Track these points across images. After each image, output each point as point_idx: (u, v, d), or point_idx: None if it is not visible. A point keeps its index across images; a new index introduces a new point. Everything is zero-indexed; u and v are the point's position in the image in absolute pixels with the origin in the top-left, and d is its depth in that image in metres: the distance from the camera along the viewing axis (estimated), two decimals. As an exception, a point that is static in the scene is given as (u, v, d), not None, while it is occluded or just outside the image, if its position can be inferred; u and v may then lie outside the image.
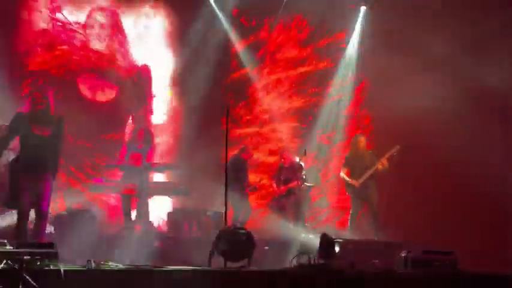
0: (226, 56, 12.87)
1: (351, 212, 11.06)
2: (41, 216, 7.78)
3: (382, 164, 10.87)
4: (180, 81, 12.87)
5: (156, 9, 12.75)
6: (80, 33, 11.93)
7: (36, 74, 11.55)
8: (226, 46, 12.90)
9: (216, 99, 12.13)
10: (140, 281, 6.72)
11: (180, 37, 12.78)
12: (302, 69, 13.15)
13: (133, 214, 10.28)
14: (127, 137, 11.60)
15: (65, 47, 11.96)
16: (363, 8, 13.02)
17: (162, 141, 12.53)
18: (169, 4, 12.74)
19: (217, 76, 12.65)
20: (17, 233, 7.68)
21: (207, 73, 12.45)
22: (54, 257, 6.82)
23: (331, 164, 12.88)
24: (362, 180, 10.85)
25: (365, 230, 10.92)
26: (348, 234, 10.81)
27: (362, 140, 11.12)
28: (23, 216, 7.70)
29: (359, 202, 10.98)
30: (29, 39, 11.69)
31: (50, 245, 7.10)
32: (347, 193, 11.18)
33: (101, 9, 12.11)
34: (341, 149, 12.63)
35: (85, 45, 12.14)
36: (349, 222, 11.05)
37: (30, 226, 7.95)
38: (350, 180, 10.94)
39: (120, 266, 7.09)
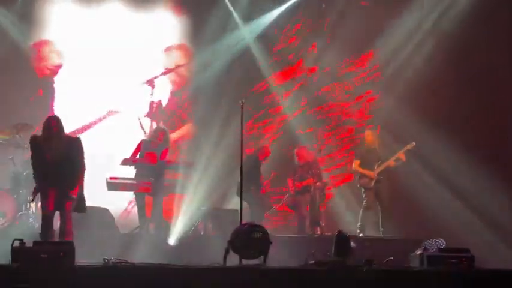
0: (241, 53, 12.88)
1: (363, 205, 11.03)
2: (66, 219, 7.92)
3: (398, 158, 10.89)
4: (196, 79, 12.91)
5: (170, 8, 12.84)
6: None
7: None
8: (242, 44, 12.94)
9: (232, 96, 12.15)
10: (155, 279, 6.75)
11: (194, 35, 12.83)
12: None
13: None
14: (145, 135, 11.66)
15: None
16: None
17: (177, 139, 12.57)
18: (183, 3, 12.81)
19: (233, 72, 12.67)
20: (42, 237, 7.80)
21: (223, 70, 12.49)
22: (71, 255, 6.87)
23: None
24: (378, 171, 10.87)
25: (375, 224, 10.93)
26: (359, 229, 10.83)
27: (371, 134, 11.15)
28: (47, 221, 7.87)
29: (371, 195, 10.96)
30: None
31: (67, 243, 7.15)
32: (358, 185, 11.17)
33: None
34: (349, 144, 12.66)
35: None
36: (360, 217, 11.02)
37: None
38: (365, 171, 10.94)
39: (136, 264, 7.12)
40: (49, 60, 12.43)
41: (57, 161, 7.88)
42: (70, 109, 11.90)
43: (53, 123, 7.98)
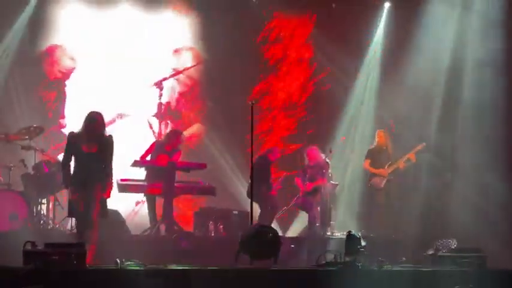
0: (253, 52, 12.89)
1: (373, 204, 11.02)
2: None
3: (409, 159, 10.88)
4: (207, 80, 12.94)
5: (179, 10, 12.90)
6: None
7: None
8: (252, 42, 12.95)
9: (244, 97, 12.17)
10: (166, 281, 6.75)
11: (204, 37, 12.88)
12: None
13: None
14: (158, 136, 11.68)
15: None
16: (387, 5, 12.95)
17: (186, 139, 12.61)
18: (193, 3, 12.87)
19: (244, 75, 12.68)
20: (77, 237, 7.87)
21: (232, 71, 12.51)
22: (82, 257, 6.88)
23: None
24: (390, 171, 10.87)
25: (385, 225, 10.90)
26: (370, 229, 10.81)
27: (383, 134, 11.19)
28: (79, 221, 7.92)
29: (382, 195, 10.95)
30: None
31: (79, 245, 7.16)
32: (368, 185, 11.16)
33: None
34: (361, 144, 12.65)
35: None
36: (371, 217, 11.00)
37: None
38: (377, 170, 10.93)
39: (147, 265, 7.13)
40: (61, 63, 12.55)
41: (93, 154, 7.84)
42: (80, 112, 11.93)
43: (98, 117, 7.99)
